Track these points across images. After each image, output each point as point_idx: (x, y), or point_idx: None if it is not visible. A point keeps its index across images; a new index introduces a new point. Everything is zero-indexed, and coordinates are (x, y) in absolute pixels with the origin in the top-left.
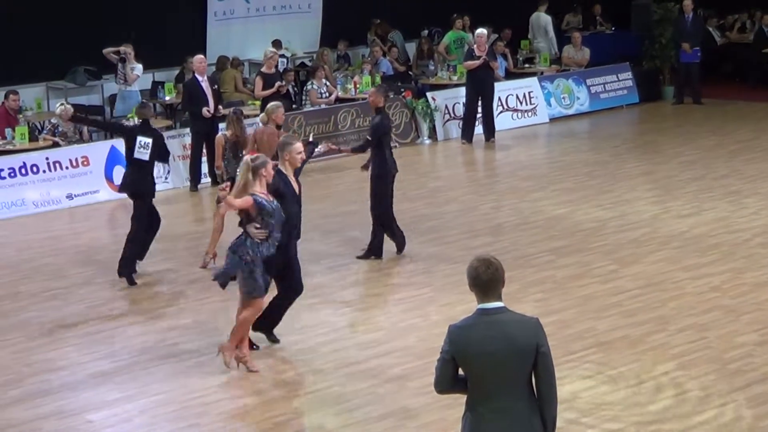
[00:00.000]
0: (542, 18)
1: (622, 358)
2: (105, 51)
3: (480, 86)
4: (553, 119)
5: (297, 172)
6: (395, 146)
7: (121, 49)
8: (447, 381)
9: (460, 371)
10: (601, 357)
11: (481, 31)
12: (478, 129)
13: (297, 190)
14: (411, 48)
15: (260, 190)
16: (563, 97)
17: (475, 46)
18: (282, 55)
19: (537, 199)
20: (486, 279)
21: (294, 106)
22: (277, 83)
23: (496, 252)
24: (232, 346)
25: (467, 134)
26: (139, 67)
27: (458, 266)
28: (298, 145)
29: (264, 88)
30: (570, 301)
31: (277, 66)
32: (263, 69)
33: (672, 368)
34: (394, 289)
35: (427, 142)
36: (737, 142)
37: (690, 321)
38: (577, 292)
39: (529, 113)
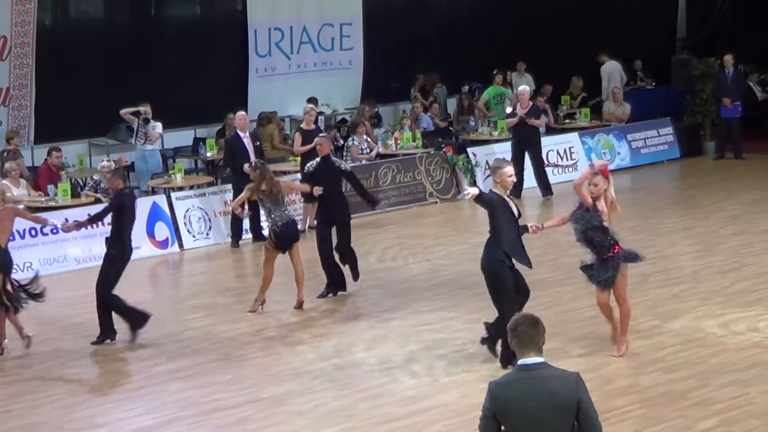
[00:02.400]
0: (615, 65)
1: (665, 414)
2: (122, 112)
3: (525, 143)
4: None
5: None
6: (436, 202)
7: (141, 108)
8: None
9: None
10: (644, 413)
11: (524, 88)
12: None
13: (515, 211)
14: (451, 104)
15: None
16: (604, 153)
17: (518, 103)
18: (320, 112)
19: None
20: (527, 338)
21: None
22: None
23: (537, 307)
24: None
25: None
26: (159, 125)
27: None
28: (509, 169)
29: (303, 144)
30: (609, 357)
31: (316, 122)
32: (302, 125)
33: (715, 424)
34: (437, 345)
35: (468, 197)
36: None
37: (732, 377)
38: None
39: (570, 168)
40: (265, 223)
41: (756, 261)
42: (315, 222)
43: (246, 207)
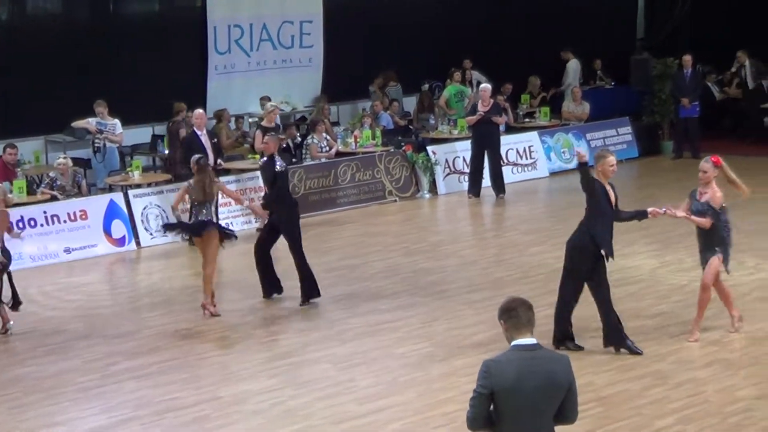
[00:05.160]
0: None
1: (621, 412)
2: (75, 125)
3: (485, 141)
4: (553, 173)
5: None
6: (396, 200)
7: (92, 119)
8: (483, 417)
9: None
10: (600, 411)
11: (485, 86)
12: (485, 183)
13: (613, 200)
14: (411, 102)
15: None
16: (563, 152)
17: (479, 101)
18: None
19: (537, 253)
20: (525, 319)
21: (294, 159)
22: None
23: (495, 305)
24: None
25: (474, 189)
26: (118, 123)
27: (459, 320)
28: (612, 158)
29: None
30: (569, 355)
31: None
32: (263, 123)
33: (671, 423)
34: (396, 343)
35: (427, 196)
36: (735, 197)
37: (689, 375)
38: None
39: (529, 167)
40: (224, 222)
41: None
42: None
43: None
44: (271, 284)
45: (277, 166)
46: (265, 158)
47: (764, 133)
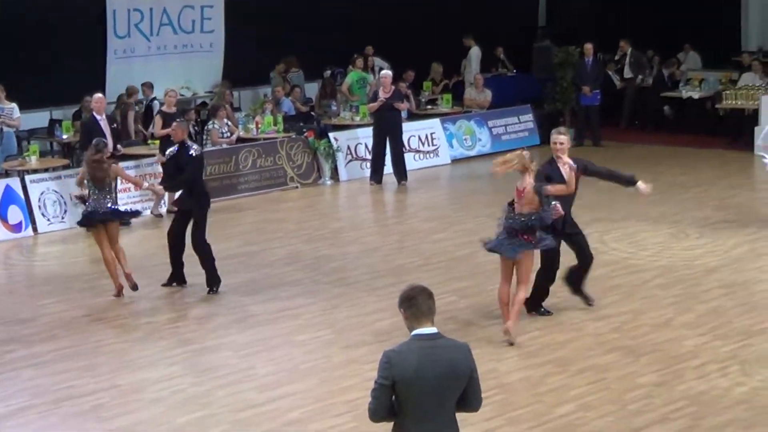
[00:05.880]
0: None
1: (522, 399)
2: None
3: (387, 128)
4: (455, 160)
5: None
6: (297, 187)
7: None
8: (385, 408)
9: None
10: (502, 398)
11: (386, 72)
12: (386, 169)
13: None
14: (313, 88)
15: None
16: (465, 139)
17: (381, 87)
18: (153, 98)
19: (439, 240)
20: (425, 307)
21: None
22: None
23: (396, 292)
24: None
25: (376, 176)
26: (15, 107)
27: (360, 307)
28: (554, 136)
29: (164, 127)
30: (471, 342)
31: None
32: (163, 108)
33: (571, 410)
34: (296, 331)
35: (329, 182)
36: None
37: (589, 362)
38: (478, 333)
39: (431, 154)
40: (123, 207)
41: (614, 247)
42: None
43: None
44: (176, 275)
45: (192, 151)
46: (175, 147)
47: (663, 121)
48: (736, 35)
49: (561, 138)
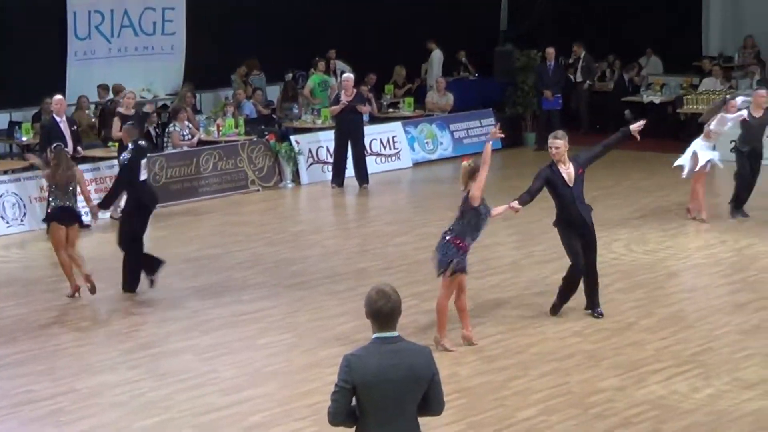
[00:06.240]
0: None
1: (484, 404)
2: None
3: (348, 131)
4: (417, 164)
5: None
6: (258, 190)
7: None
8: (344, 411)
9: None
10: (464, 403)
11: (348, 75)
12: (348, 173)
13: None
14: (275, 91)
15: None
16: (427, 142)
17: (343, 90)
18: (111, 99)
19: (401, 244)
20: (387, 311)
21: (155, 148)
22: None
23: (358, 295)
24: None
25: (337, 179)
26: None
27: (322, 311)
28: (550, 140)
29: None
30: (432, 346)
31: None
32: (121, 109)
33: (534, 414)
34: (258, 334)
35: (291, 185)
36: (599, 189)
37: (551, 366)
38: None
39: (393, 158)
40: (84, 209)
41: None
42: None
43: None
44: (134, 278)
45: (121, 157)
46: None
47: (624, 125)
48: (697, 41)
49: (557, 143)
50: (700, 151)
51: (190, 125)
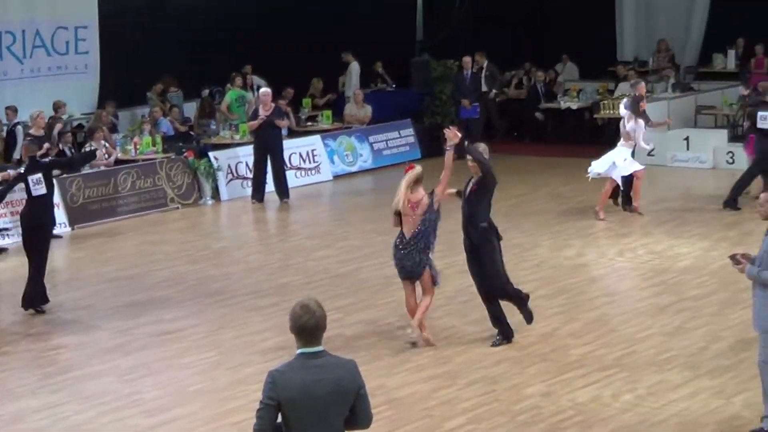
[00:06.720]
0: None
1: (412, 414)
2: None
3: (267, 145)
4: (337, 177)
5: None
6: (178, 207)
7: None
8: (269, 428)
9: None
10: (391, 414)
11: (266, 90)
12: (268, 187)
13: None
14: (192, 108)
15: None
16: (346, 155)
17: (261, 105)
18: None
19: (322, 258)
20: (311, 326)
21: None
22: (46, 144)
23: (281, 312)
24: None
25: (258, 194)
26: None
27: (246, 327)
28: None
29: None
30: (358, 359)
31: (45, 127)
32: (32, 131)
33: (462, 422)
34: (181, 353)
35: (210, 202)
36: (516, 196)
37: (478, 374)
38: (365, 349)
39: (313, 171)
40: None
41: None
42: None
43: None
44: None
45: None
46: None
47: (542, 133)
48: (611, 46)
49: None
50: (619, 162)
51: (107, 144)
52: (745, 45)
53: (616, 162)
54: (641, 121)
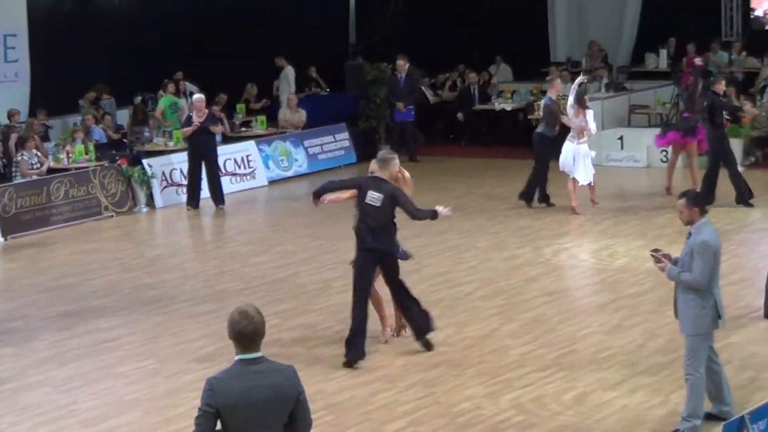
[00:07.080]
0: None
1: (351, 419)
2: None
3: (201, 152)
4: (272, 182)
5: None
6: (112, 215)
7: None
8: None
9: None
10: (331, 419)
11: (199, 96)
12: (203, 194)
13: None
14: (125, 115)
15: None
16: (281, 160)
17: (194, 111)
18: None
19: (259, 263)
20: (250, 332)
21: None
22: None
23: (219, 318)
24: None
25: (193, 201)
26: None
27: (183, 335)
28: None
29: None
30: (297, 364)
31: None
32: None
33: (402, 426)
34: (118, 362)
35: (145, 210)
36: (453, 198)
37: (417, 377)
38: (304, 354)
39: (248, 177)
40: None
41: (433, 262)
42: None
43: None
44: None
45: None
46: None
47: (477, 134)
48: (544, 47)
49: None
50: (577, 158)
51: (39, 153)
52: (676, 44)
53: (575, 159)
54: (589, 111)
